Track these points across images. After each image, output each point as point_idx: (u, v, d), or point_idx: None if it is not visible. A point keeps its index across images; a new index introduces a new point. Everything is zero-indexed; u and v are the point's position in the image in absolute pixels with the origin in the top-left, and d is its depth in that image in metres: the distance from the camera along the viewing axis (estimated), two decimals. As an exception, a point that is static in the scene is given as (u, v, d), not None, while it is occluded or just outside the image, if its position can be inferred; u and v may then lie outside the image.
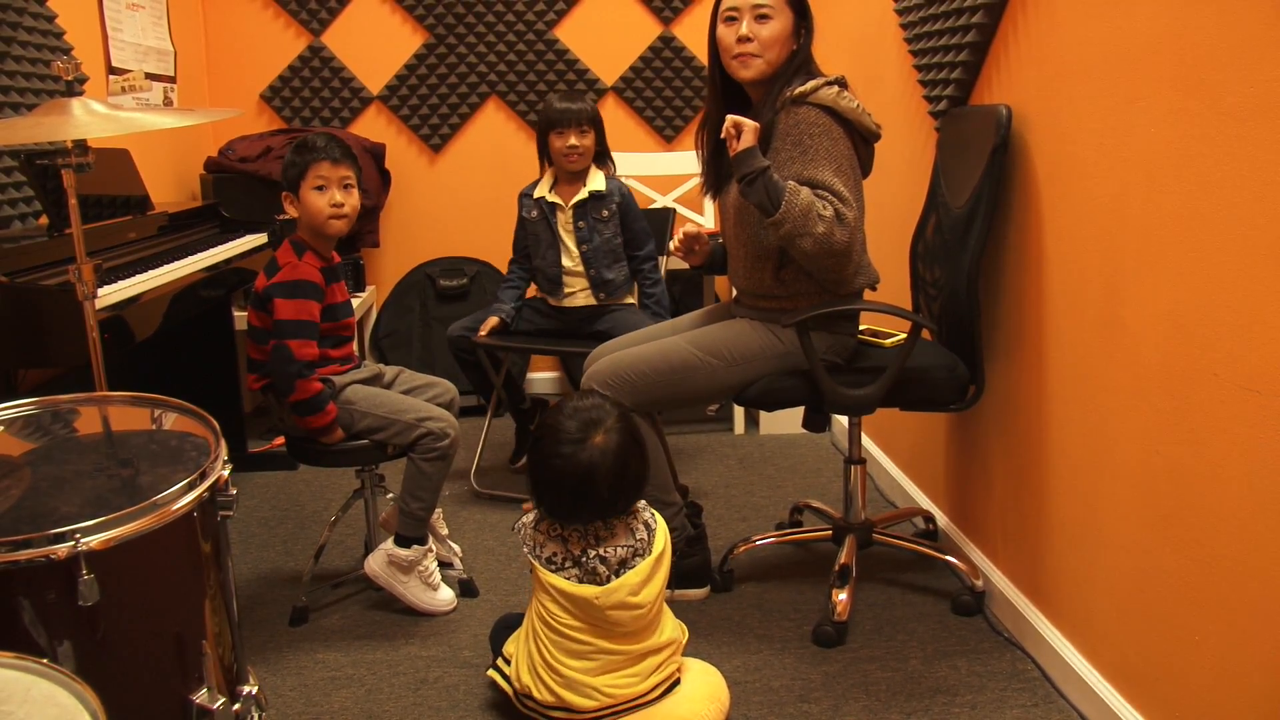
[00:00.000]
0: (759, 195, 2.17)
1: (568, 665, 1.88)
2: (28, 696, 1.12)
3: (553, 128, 3.16)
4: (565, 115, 3.13)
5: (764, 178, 2.17)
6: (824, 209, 2.17)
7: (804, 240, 2.17)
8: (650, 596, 1.87)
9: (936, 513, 2.82)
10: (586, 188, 3.21)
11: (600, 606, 1.83)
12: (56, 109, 1.94)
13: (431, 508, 2.49)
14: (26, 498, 1.54)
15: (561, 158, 3.17)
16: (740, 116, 2.21)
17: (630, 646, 1.89)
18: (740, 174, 2.20)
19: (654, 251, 3.34)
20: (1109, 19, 1.85)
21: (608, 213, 3.23)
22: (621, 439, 1.92)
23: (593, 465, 1.87)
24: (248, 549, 2.93)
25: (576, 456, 1.88)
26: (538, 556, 1.90)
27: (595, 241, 3.22)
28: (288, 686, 2.21)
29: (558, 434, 1.91)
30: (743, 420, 3.90)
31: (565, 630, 1.87)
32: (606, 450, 1.88)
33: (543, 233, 3.27)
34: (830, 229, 2.16)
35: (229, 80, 4.25)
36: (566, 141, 3.14)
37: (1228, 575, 1.58)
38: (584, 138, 3.15)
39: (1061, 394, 2.09)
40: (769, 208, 2.17)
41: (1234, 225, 1.53)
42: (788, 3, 2.31)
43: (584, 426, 1.91)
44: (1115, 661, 1.92)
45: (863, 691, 2.12)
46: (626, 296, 3.31)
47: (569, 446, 1.89)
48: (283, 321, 2.34)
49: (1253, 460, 1.51)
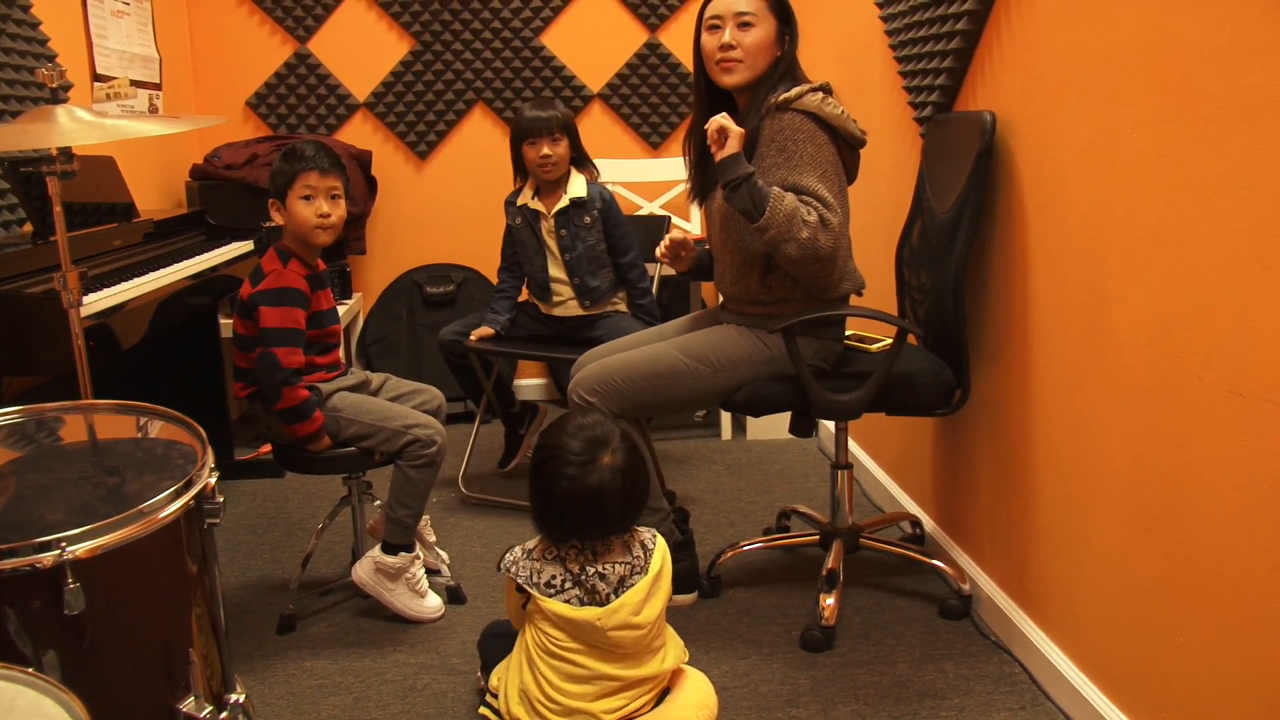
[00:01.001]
0: (743, 201, 2.18)
1: (566, 691, 1.86)
2: (13, 706, 1.11)
3: (525, 138, 3.11)
4: (536, 124, 3.08)
5: (748, 184, 2.18)
6: (808, 214, 2.18)
7: (788, 246, 2.18)
8: (651, 616, 1.86)
9: (923, 517, 2.82)
10: (567, 195, 3.16)
11: (603, 628, 1.82)
12: (41, 116, 1.93)
13: (419, 515, 2.48)
14: (11, 506, 1.53)
15: (536, 168, 3.13)
16: (725, 117, 2.22)
17: (630, 672, 1.87)
18: (725, 180, 2.21)
19: (639, 257, 3.30)
20: (1092, 26, 1.87)
21: (590, 219, 3.18)
22: (628, 458, 1.89)
23: (603, 485, 1.84)
24: (235, 557, 2.92)
25: (587, 478, 1.84)
26: (535, 584, 1.86)
27: (578, 249, 3.18)
28: (275, 695, 2.21)
29: (564, 454, 1.87)
30: (730, 426, 3.90)
31: (566, 655, 1.86)
32: (615, 469, 1.86)
33: (529, 240, 3.26)
34: (814, 234, 2.17)
35: (215, 87, 4.23)
36: (539, 151, 3.09)
37: (1213, 578, 1.59)
38: (556, 146, 3.10)
39: (1047, 398, 2.10)
40: (753, 213, 2.18)
41: (1217, 229, 1.54)
42: (770, 9, 2.32)
43: (590, 446, 1.87)
44: (1102, 664, 1.93)
45: (851, 696, 2.13)
46: (614, 302, 3.29)
47: (577, 468, 1.85)
48: (268, 329, 2.34)
49: (1238, 464, 1.52)
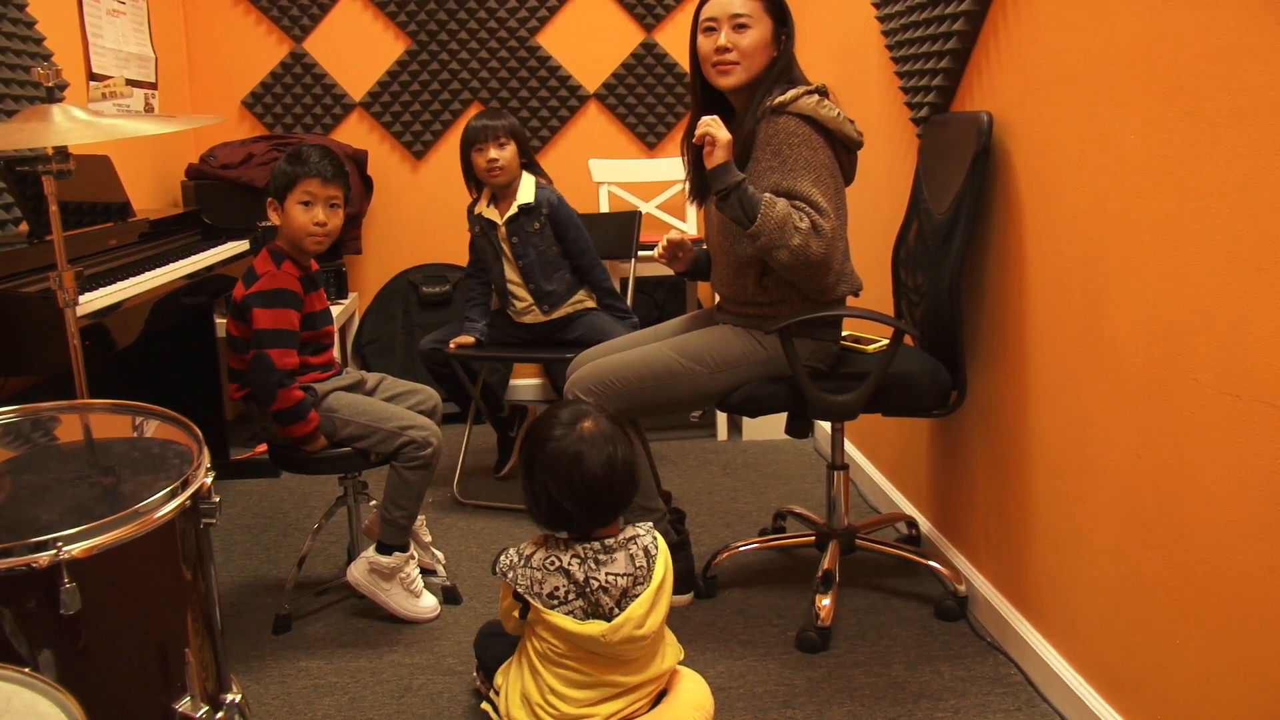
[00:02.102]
0: (734, 209, 2.21)
1: (568, 697, 1.85)
2: (9, 706, 1.11)
3: (472, 145, 3.13)
4: (482, 131, 3.11)
5: (738, 191, 2.20)
6: (800, 220, 2.19)
7: (780, 252, 2.19)
8: (655, 626, 1.86)
9: (919, 518, 2.83)
10: (515, 202, 3.17)
11: (609, 643, 1.82)
12: (37, 115, 1.93)
13: (414, 515, 2.48)
14: (7, 506, 1.53)
15: (484, 173, 3.14)
16: (715, 119, 2.23)
17: (630, 678, 1.87)
18: (716, 189, 2.23)
19: (595, 258, 3.26)
20: (1089, 27, 1.87)
21: (539, 224, 3.18)
22: (612, 428, 1.90)
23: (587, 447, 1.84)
24: (230, 557, 2.91)
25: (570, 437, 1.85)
26: (537, 595, 1.85)
27: (530, 255, 3.18)
28: (271, 695, 2.20)
29: (550, 422, 1.89)
30: (726, 426, 3.90)
31: (566, 662, 1.85)
32: (599, 434, 1.86)
33: (486, 248, 3.27)
34: (806, 241, 2.18)
35: (211, 86, 4.23)
36: (486, 156, 3.11)
37: (1209, 579, 1.60)
38: (503, 150, 3.10)
39: (1043, 399, 2.11)
40: (744, 221, 2.20)
41: (1214, 231, 1.55)
42: (766, 10, 2.32)
43: (574, 416, 1.89)
44: (1097, 665, 1.93)
45: (846, 697, 2.13)
46: (577, 301, 3.25)
47: (564, 427, 1.87)
48: (262, 331, 2.33)
49: (1234, 465, 1.53)
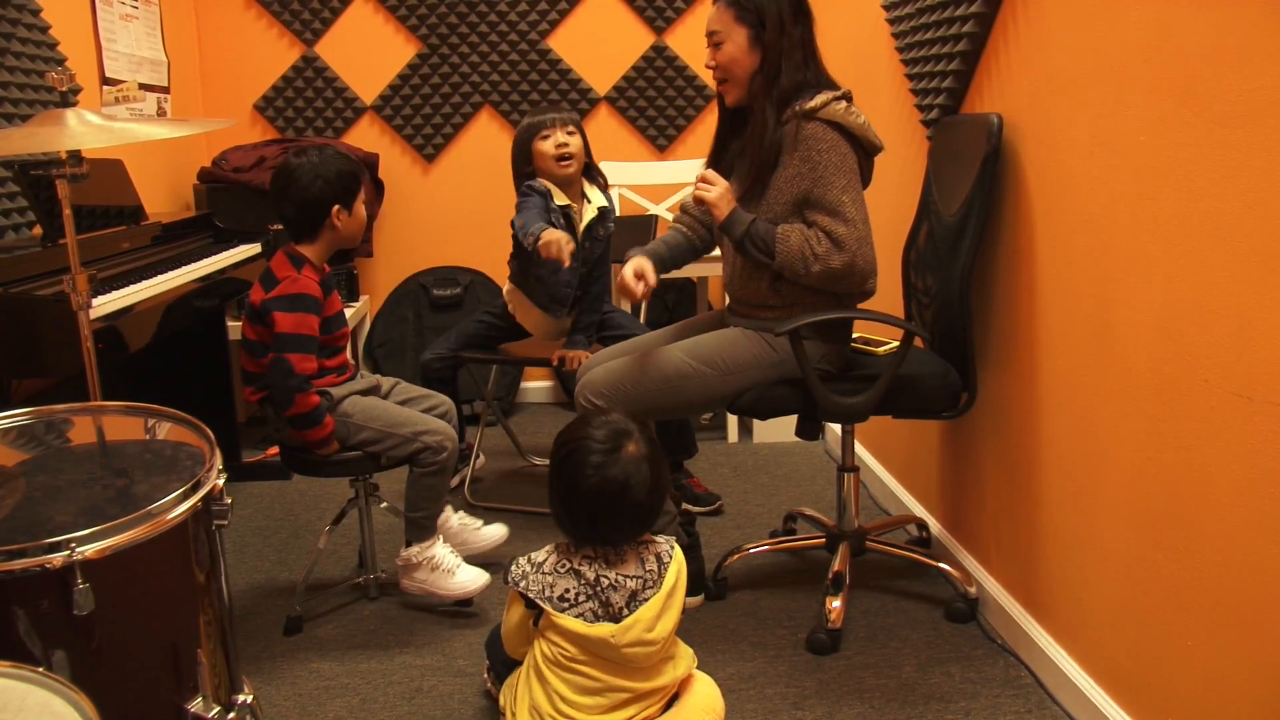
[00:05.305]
0: (753, 253, 2.31)
1: (577, 704, 1.84)
2: (23, 705, 1.12)
3: (536, 134, 2.86)
4: (550, 119, 2.85)
5: (750, 236, 2.29)
6: (817, 244, 2.24)
7: (806, 277, 2.28)
8: (665, 632, 1.86)
9: (930, 520, 2.82)
10: (593, 204, 2.92)
11: (616, 645, 1.81)
12: (51, 120, 1.94)
13: (436, 514, 2.52)
14: (21, 507, 1.53)
15: (553, 162, 2.83)
16: (703, 179, 2.32)
17: (640, 684, 1.87)
18: (731, 240, 2.34)
19: (607, 284, 3.11)
20: (1099, 28, 1.87)
21: (604, 231, 2.99)
22: (651, 448, 1.88)
23: (629, 474, 1.82)
24: (242, 558, 2.93)
25: (613, 468, 1.83)
26: (548, 599, 1.85)
27: (591, 261, 3.01)
28: (282, 696, 2.21)
29: (589, 444, 1.85)
30: (736, 429, 3.90)
31: (576, 667, 1.85)
32: (640, 458, 1.84)
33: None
34: (827, 260, 2.24)
35: (222, 90, 4.25)
36: (555, 141, 2.82)
37: (1220, 581, 1.59)
38: (572, 137, 2.86)
39: (1054, 401, 2.10)
40: (765, 259, 2.30)
41: (1224, 232, 1.54)
42: (738, 19, 2.31)
43: (614, 436, 1.86)
44: (1108, 667, 1.93)
45: (857, 699, 2.13)
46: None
47: (603, 455, 1.83)
48: (283, 335, 2.33)
49: (1244, 467, 1.52)
